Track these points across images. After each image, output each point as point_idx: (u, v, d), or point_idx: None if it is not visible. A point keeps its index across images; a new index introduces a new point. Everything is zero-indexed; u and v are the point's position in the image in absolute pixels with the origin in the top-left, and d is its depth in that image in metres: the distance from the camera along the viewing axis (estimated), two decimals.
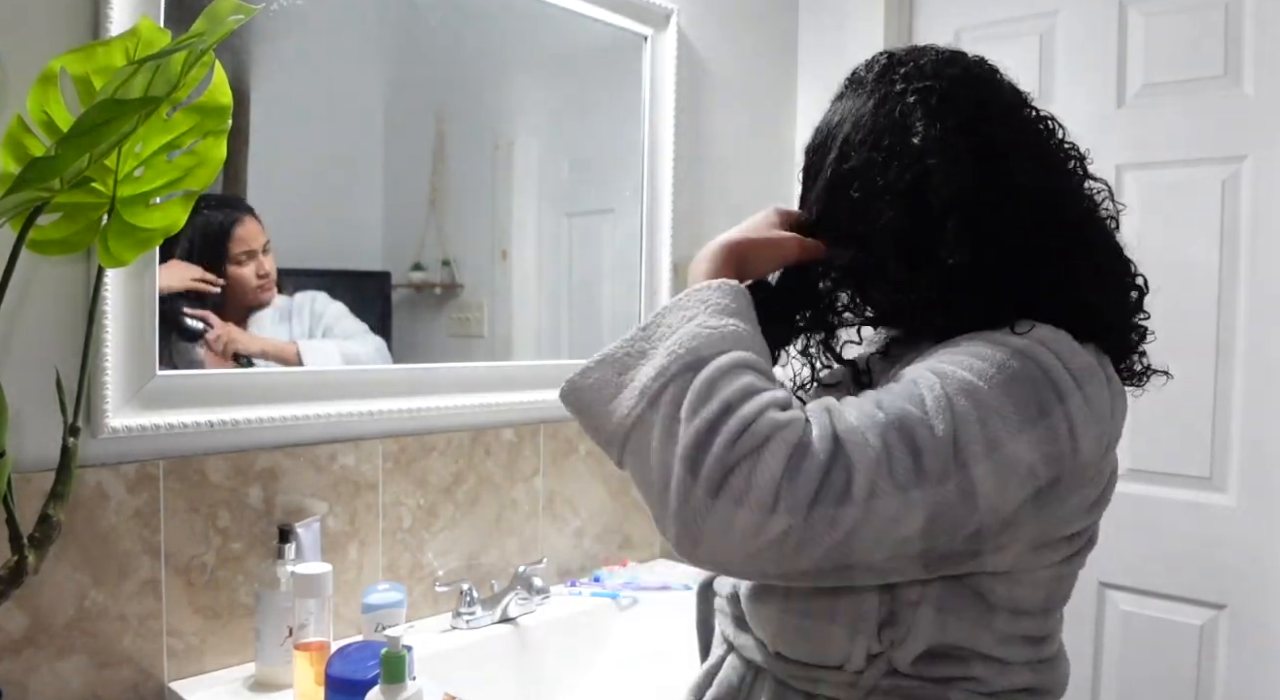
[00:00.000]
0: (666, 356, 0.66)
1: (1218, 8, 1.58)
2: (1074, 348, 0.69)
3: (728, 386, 0.62)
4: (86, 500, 1.07)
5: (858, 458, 0.59)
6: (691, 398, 0.62)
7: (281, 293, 1.31)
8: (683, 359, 0.65)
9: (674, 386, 0.64)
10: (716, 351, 0.65)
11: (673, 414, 0.62)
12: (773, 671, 0.79)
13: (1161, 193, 1.65)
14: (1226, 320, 1.58)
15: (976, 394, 0.63)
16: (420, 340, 1.48)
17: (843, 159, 0.78)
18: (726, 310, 0.69)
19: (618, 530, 1.71)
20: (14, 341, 1.03)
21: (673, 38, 1.74)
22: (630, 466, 0.66)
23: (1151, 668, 1.66)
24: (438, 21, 1.47)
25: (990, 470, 0.62)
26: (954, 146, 0.73)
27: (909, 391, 0.65)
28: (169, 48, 0.80)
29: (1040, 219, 0.73)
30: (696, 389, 0.63)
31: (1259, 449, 1.56)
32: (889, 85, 0.78)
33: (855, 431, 0.61)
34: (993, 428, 0.62)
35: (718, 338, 0.66)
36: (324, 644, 1.12)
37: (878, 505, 0.59)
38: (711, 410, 0.61)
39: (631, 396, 0.65)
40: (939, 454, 0.61)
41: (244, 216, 1.27)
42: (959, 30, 1.89)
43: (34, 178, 0.76)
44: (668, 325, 0.69)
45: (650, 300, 1.77)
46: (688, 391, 0.63)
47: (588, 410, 0.69)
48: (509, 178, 1.60)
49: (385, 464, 1.36)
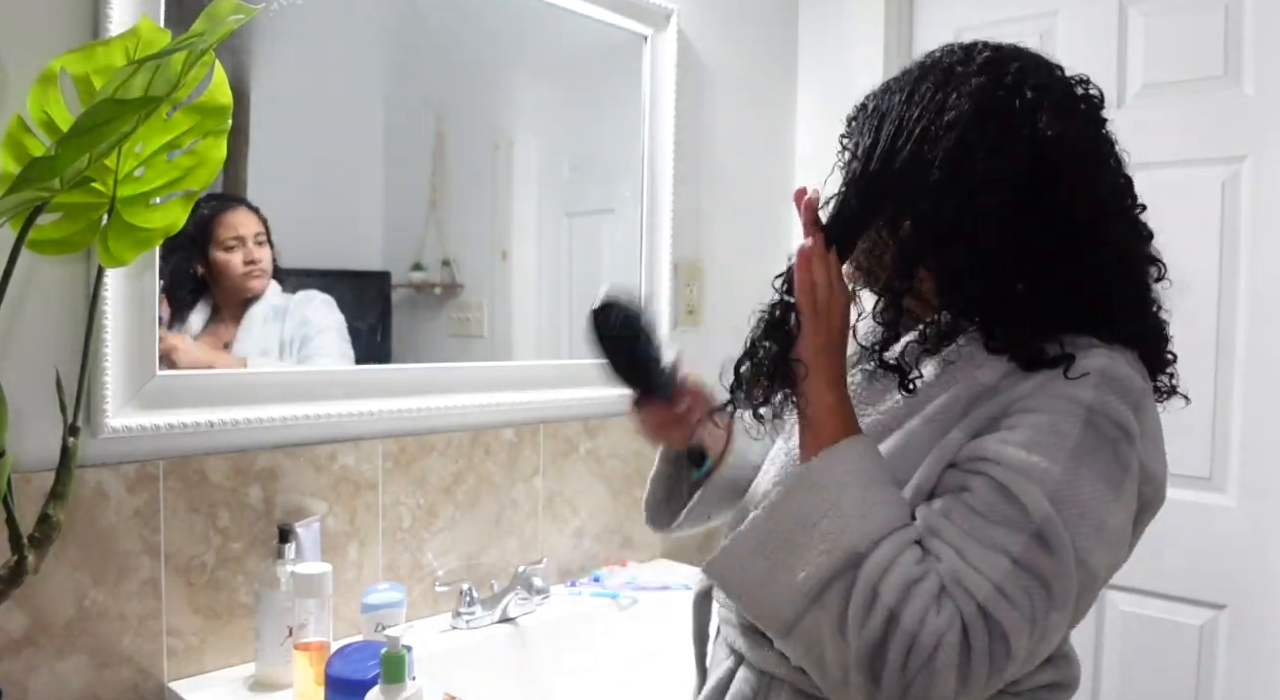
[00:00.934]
0: (822, 555, 0.68)
1: (1218, 8, 1.58)
2: (1129, 372, 0.72)
3: (888, 590, 0.65)
4: (86, 500, 1.07)
5: (1010, 626, 0.64)
6: (855, 608, 0.66)
7: (285, 289, 1.32)
8: (839, 558, 0.67)
9: (837, 587, 0.67)
10: (870, 544, 0.67)
11: (840, 617, 0.66)
12: (792, 682, 0.79)
13: (1161, 193, 1.63)
14: (1226, 320, 1.58)
15: (1075, 490, 0.67)
16: (420, 340, 1.48)
17: (927, 164, 0.73)
18: (862, 479, 0.71)
19: (618, 530, 1.71)
20: (14, 341, 1.03)
21: (673, 38, 1.74)
22: (796, 653, 0.71)
23: (1151, 668, 1.66)
24: (438, 22, 1.47)
25: (1104, 550, 0.68)
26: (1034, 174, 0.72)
27: (1012, 513, 0.67)
28: (169, 48, 0.80)
29: (1102, 243, 0.75)
30: (860, 596, 0.66)
31: (1259, 449, 1.56)
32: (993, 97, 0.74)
33: (996, 597, 0.65)
34: (1095, 515, 0.67)
35: (866, 526, 0.68)
36: (324, 644, 1.12)
37: (1033, 648, 0.66)
38: (878, 622, 0.65)
39: (793, 594, 0.68)
40: (1065, 575, 0.66)
41: (234, 205, 1.27)
42: (959, 30, 1.89)
43: (34, 178, 0.76)
44: (813, 509, 0.70)
45: (650, 300, 1.77)
46: (851, 597, 0.66)
47: (743, 596, 0.72)
48: (509, 178, 1.60)
49: (385, 464, 1.36)
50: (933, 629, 0.64)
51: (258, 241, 1.29)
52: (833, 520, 0.68)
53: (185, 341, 1.23)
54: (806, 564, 0.68)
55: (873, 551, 0.67)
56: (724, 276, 1.90)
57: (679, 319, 1.82)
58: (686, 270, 1.83)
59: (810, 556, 0.68)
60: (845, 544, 0.67)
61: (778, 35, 2.04)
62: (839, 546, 0.67)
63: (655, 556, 1.78)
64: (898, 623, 0.64)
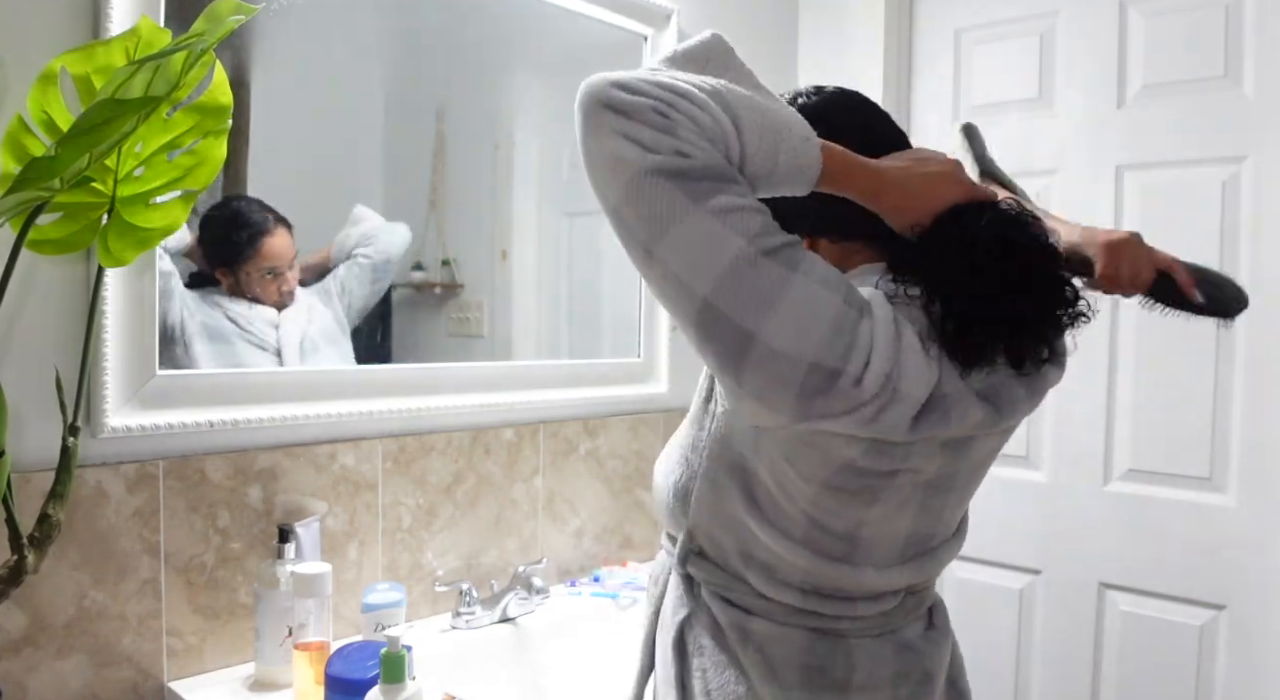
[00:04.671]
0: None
1: (1218, 8, 1.58)
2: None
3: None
4: (86, 500, 1.07)
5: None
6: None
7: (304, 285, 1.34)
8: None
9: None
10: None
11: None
12: (711, 584, 0.86)
13: (1161, 193, 1.65)
14: None
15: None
16: (420, 340, 1.48)
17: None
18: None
19: (618, 530, 1.71)
20: (14, 341, 1.03)
21: (673, 38, 1.74)
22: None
23: (1151, 668, 1.66)
24: (438, 22, 1.47)
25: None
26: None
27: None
28: (169, 48, 0.80)
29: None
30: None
31: (1259, 449, 1.56)
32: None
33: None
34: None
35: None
36: (324, 644, 1.12)
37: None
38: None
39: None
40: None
41: (276, 228, 1.28)
42: (959, 31, 1.89)
43: (34, 177, 0.76)
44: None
45: (650, 300, 1.77)
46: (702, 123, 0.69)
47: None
48: (509, 178, 1.60)
49: (385, 464, 1.36)
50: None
51: (291, 265, 1.30)
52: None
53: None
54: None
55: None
56: None
57: None
58: None
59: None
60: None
61: (778, 35, 2.04)
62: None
63: (655, 556, 1.77)
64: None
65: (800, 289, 0.65)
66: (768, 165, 0.69)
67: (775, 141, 0.69)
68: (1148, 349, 1.66)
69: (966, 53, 1.89)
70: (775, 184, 0.71)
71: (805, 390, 0.66)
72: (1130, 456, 1.69)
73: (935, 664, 0.85)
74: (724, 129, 0.67)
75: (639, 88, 0.67)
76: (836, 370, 0.66)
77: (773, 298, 0.65)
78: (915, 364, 0.69)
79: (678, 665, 0.84)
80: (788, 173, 0.70)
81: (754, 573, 0.81)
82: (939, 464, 0.77)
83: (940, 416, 0.71)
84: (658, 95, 0.66)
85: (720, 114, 0.67)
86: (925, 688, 0.84)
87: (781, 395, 0.66)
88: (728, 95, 0.69)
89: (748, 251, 0.65)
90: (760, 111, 0.69)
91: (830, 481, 0.75)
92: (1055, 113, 1.77)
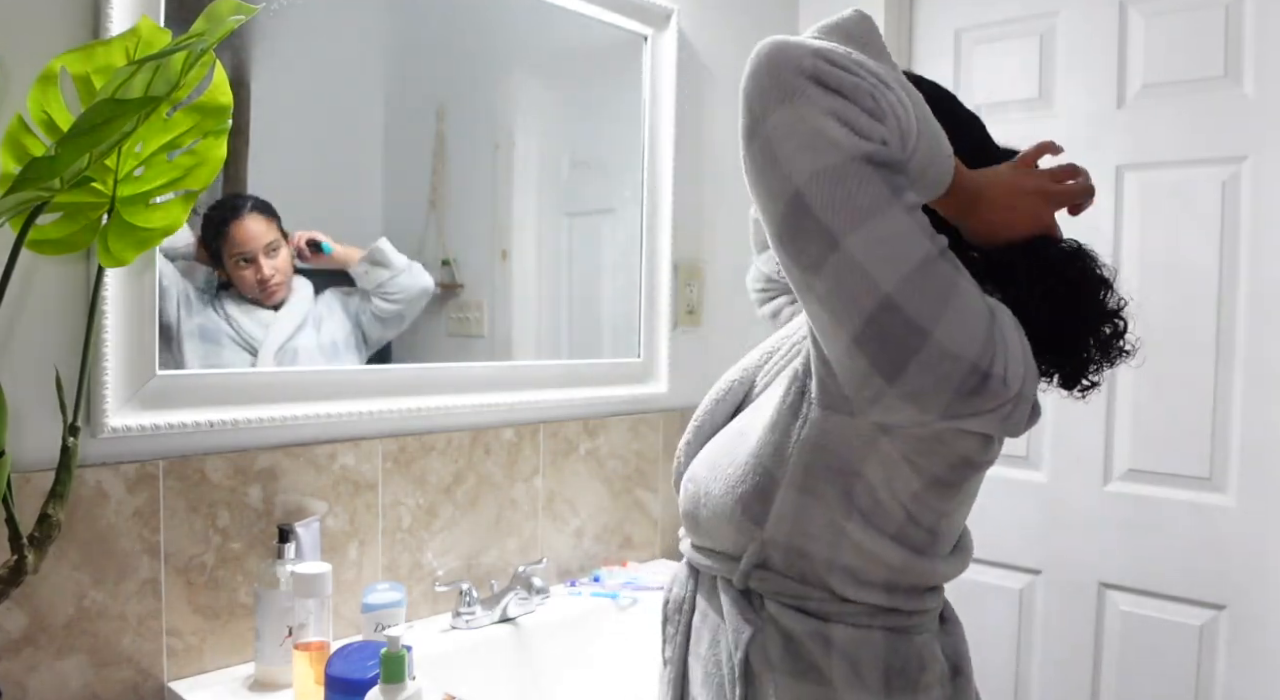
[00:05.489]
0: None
1: (1218, 8, 1.58)
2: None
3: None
4: (86, 500, 1.07)
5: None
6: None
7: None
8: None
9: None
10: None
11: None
12: (712, 574, 0.88)
13: (1161, 193, 1.65)
14: (1226, 320, 1.58)
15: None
16: (420, 340, 1.48)
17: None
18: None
19: (618, 530, 1.71)
20: (14, 341, 1.03)
21: (673, 38, 1.74)
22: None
23: (1151, 668, 1.66)
24: (438, 21, 1.47)
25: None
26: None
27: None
28: (169, 48, 0.80)
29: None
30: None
31: (1259, 449, 1.56)
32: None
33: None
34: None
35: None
36: (324, 644, 1.12)
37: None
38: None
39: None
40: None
41: (243, 213, 1.25)
42: (959, 31, 1.89)
43: (34, 177, 0.76)
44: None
45: (650, 300, 1.77)
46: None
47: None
48: (509, 178, 1.60)
49: (385, 464, 1.36)
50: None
51: (270, 251, 1.27)
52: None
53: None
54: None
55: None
56: (724, 276, 1.90)
57: (679, 319, 1.82)
58: (686, 270, 1.83)
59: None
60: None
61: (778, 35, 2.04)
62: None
63: (655, 556, 1.78)
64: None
65: (965, 292, 0.67)
66: (920, 172, 0.70)
67: (934, 152, 0.70)
68: (1148, 349, 1.65)
69: (966, 53, 1.89)
70: (916, 190, 0.71)
71: (962, 390, 0.67)
72: (1130, 456, 1.69)
73: (961, 657, 0.87)
74: (911, 127, 0.67)
75: (848, 66, 0.65)
76: (989, 372, 0.67)
77: (948, 298, 0.66)
78: (1031, 365, 0.72)
79: (744, 688, 0.80)
80: (929, 184, 0.71)
81: (838, 577, 0.78)
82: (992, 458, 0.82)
83: (1035, 415, 0.75)
84: (869, 78, 0.65)
85: (912, 111, 0.67)
86: (959, 681, 0.85)
87: (939, 395, 0.67)
88: (914, 94, 0.69)
89: (932, 251, 0.65)
90: (927, 119, 0.70)
91: (942, 476, 0.77)
92: (1055, 113, 1.77)
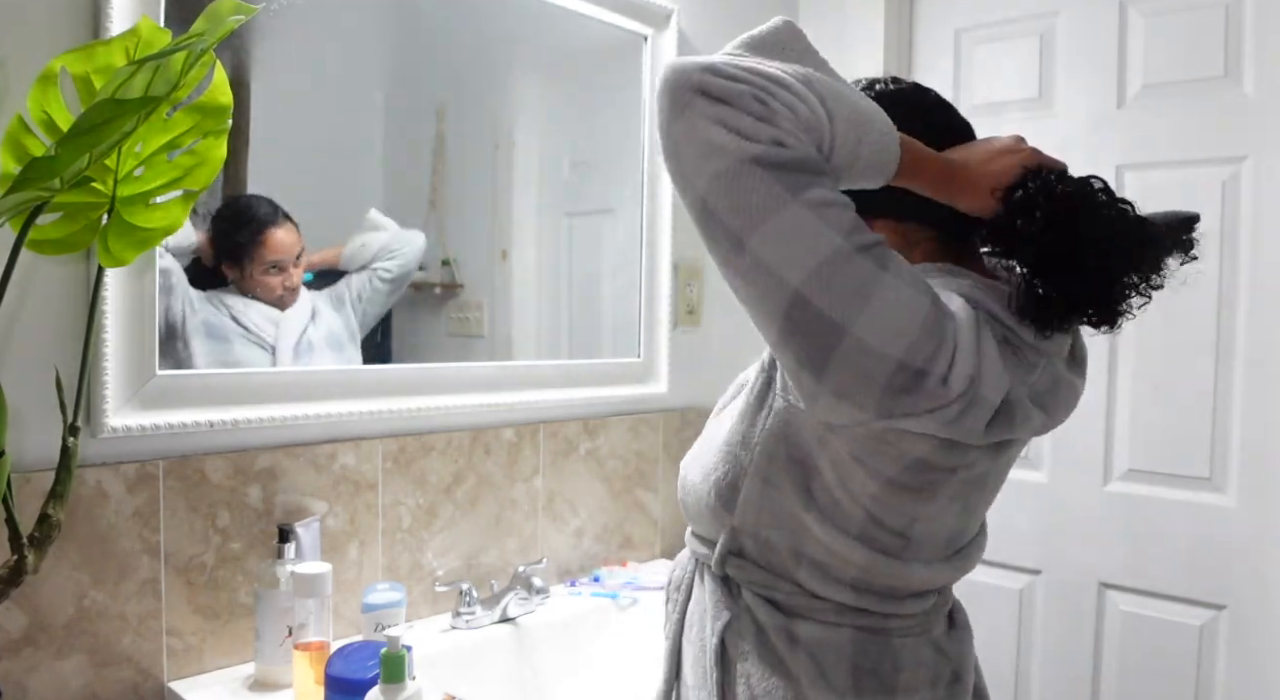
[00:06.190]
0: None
1: (1218, 8, 1.58)
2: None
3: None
4: (86, 500, 1.07)
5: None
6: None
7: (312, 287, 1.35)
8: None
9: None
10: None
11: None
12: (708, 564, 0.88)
13: (1161, 193, 1.65)
14: (1226, 320, 1.58)
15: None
16: (420, 340, 1.48)
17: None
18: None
19: (618, 530, 1.71)
20: (14, 341, 1.03)
21: (673, 38, 1.74)
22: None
23: (1151, 668, 1.66)
24: (438, 21, 1.47)
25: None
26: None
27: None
28: (169, 48, 0.80)
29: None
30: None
31: (1259, 449, 1.56)
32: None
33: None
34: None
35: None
36: (324, 644, 1.12)
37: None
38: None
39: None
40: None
41: (281, 221, 1.28)
42: (959, 31, 1.89)
43: (34, 177, 0.76)
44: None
45: (650, 300, 1.77)
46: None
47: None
48: (509, 178, 1.60)
49: (385, 464, 1.36)
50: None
51: (296, 261, 1.30)
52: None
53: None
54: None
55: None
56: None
57: (679, 319, 1.82)
58: (686, 270, 1.83)
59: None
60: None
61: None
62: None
63: (655, 556, 1.78)
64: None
65: (892, 287, 0.65)
66: (850, 158, 0.69)
67: (860, 134, 0.69)
68: (1148, 349, 1.66)
69: (966, 53, 1.89)
70: (855, 176, 0.71)
71: (891, 388, 0.66)
72: (1130, 456, 1.69)
73: (963, 664, 0.86)
74: (819, 119, 0.66)
75: (735, 74, 0.65)
76: (923, 370, 0.66)
77: (867, 294, 0.64)
78: (994, 368, 0.69)
79: (719, 673, 0.82)
80: (868, 166, 0.70)
81: (805, 571, 0.80)
82: (985, 462, 0.78)
83: (1007, 420, 0.71)
84: (756, 82, 0.65)
85: (816, 104, 0.66)
86: (956, 688, 0.84)
87: (866, 393, 0.66)
88: (819, 84, 0.68)
89: (843, 246, 0.64)
90: (848, 102, 0.69)
91: (897, 478, 0.75)
92: (1055, 113, 1.77)
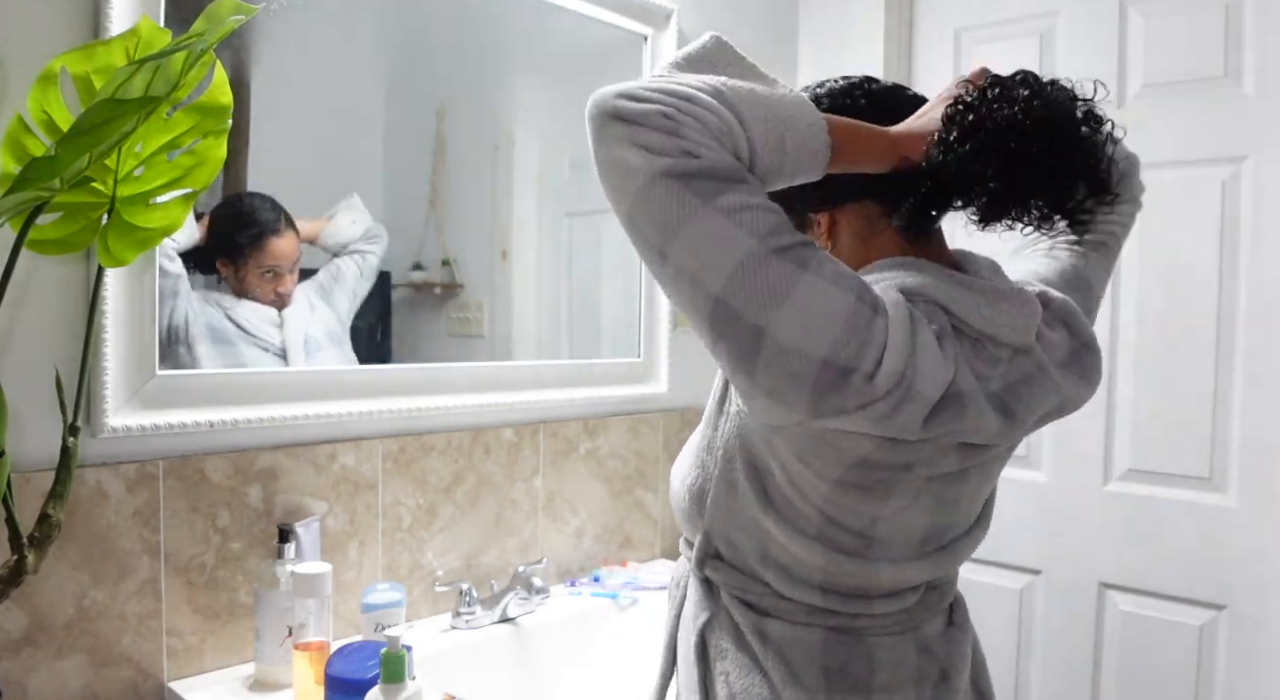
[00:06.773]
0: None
1: (1218, 8, 1.58)
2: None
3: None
4: (86, 500, 1.07)
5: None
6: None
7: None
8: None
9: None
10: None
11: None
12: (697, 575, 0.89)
13: (1161, 193, 1.64)
14: (1226, 320, 1.58)
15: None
16: (420, 340, 1.48)
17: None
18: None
19: (618, 530, 1.71)
20: (14, 341, 1.03)
21: (673, 38, 1.74)
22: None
23: (1151, 668, 1.66)
24: (438, 21, 1.47)
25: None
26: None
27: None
28: (169, 48, 0.80)
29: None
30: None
31: (1259, 449, 1.56)
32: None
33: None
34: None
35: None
36: (323, 644, 1.12)
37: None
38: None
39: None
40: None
41: (285, 229, 1.28)
42: (959, 30, 1.89)
43: (34, 177, 0.76)
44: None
45: (650, 300, 1.77)
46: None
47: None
48: (509, 178, 1.60)
49: (385, 464, 1.36)
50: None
51: (292, 268, 1.30)
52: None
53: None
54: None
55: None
56: None
57: (679, 319, 1.82)
58: None
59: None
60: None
61: (777, 35, 2.04)
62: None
63: (655, 556, 1.78)
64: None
65: (810, 286, 0.65)
66: (777, 157, 0.69)
67: (782, 132, 0.69)
68: (1148, 349, 1.66)
69: (966, 53, 1.89)
70: (789, 174, 0.71)
71: (818, 387, 0.66)
72: (1130, 456, 1.69)
73: (953, 663, 0.85)
74: (730, 127, 0.67)
75: (644, 96, 0.67)
76: (849, 367, 0.65)
77: (782, 295, 0.65)
78: (931, 362, 0.68)
79: (700, 669, 0.84)
80: (799, 160, 0.70)
81: (772, 573, 0.81)
82: (954, 460, 0.77)
83: (955, 414, 0.70)
84: (663, 100, 0.66)
85: (725, 112, 0.67)
86: (945, 686, 0.83)
87: (794, 392, 0.66)
88: (729, 92, 0.69)
89: (758, 250, 0.65)
90: (763, 103, 0.69)
91: (844, 478, 0.75)
92: None
